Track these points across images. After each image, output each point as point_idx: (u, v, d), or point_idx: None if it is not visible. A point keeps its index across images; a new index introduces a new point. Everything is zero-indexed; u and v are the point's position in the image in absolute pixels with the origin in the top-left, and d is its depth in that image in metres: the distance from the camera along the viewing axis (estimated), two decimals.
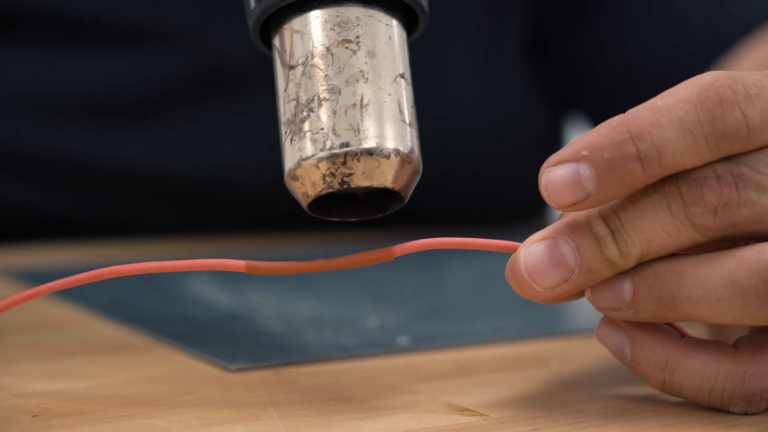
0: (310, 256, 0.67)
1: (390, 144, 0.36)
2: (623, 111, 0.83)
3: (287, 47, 0.37)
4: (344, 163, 0.36)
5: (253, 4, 0.38)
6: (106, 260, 0.65)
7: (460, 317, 0.51)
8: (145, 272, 0.37)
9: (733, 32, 0.73)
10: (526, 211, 0.81)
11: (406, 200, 0.38)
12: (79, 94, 0.71)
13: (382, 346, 0.45)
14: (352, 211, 0.38)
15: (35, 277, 0.58)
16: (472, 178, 0.78)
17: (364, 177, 0.36)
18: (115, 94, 0.72)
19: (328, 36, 0.37)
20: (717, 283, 0.34)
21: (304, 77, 0.37)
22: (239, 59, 0.72)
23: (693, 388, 0.37)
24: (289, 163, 0.37)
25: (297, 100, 0.37)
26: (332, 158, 0.36)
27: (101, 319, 0.50)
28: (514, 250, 0.37)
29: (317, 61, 0.37)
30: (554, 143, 0.84)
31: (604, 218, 0.35)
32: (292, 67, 0.37)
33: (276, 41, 0.38)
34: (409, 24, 0.39)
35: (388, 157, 0.36)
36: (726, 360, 0.36)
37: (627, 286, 0.36)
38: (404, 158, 0.36)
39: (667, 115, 0.34)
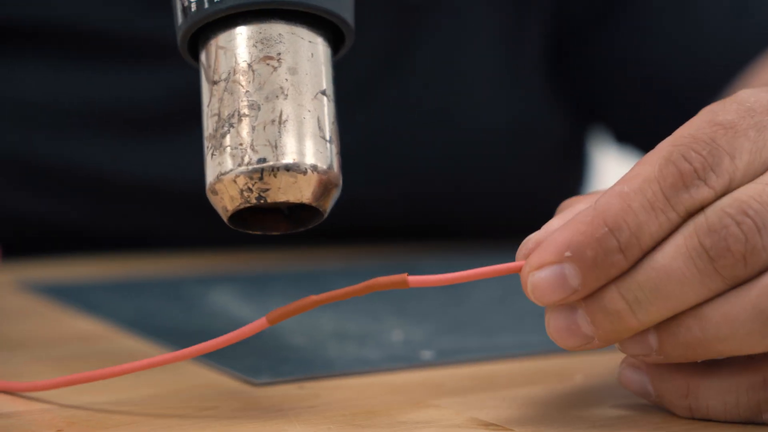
0: (332, 269, 0.67)
1: (308, 160, 0.37)
2: (645, 122, 0.83)
3: (212, 63, 0.38)
4: (261, 179, 0.37)
5: (180, 19, 0.39)
6: (126, 274, 0.65)
7: (484, 331, 0.51)
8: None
9: (756, 40, 0.73)
10: (546, 218, 0.82)
11: (325, 215, 0.38)
12: (97, 106, 0.72)
13: (405, 360, 0.45)
14: (274, 224, 0.39)
15: (55, 291, 0.58)
16: (493, 190, 0.78)
17: (281, 192, 0.37)
18: (132, 107, 0.72)
19: (250, 52, 0.38)
20: (743, 318, 0.35)
21: (226, 93, 0.38)
22: None
23: (719, 406, 0.37)
24: (209, 177, 0.38)
25: (219, 115, 0.37)
26: (250, 174, 0.37)
27: (125, 333, 0.50)
28: (520, 269, 0.37)
29: (239, 77, 0.37)
30: (576, 154, 0.83)
31: (623, 292, 0.35)
32: (215, 83, 0.38)
33: (202, 56, 0.39)
34: (336, 40, 0.40)
35: (305, 173, 0.37)
36: (743, 371, 0.37)
37: (652, 338, 0.36)
38: (322, 174, 0.37)
39: (637, 199, 0.35)
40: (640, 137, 0.79)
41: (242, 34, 0.38)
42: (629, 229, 0.35)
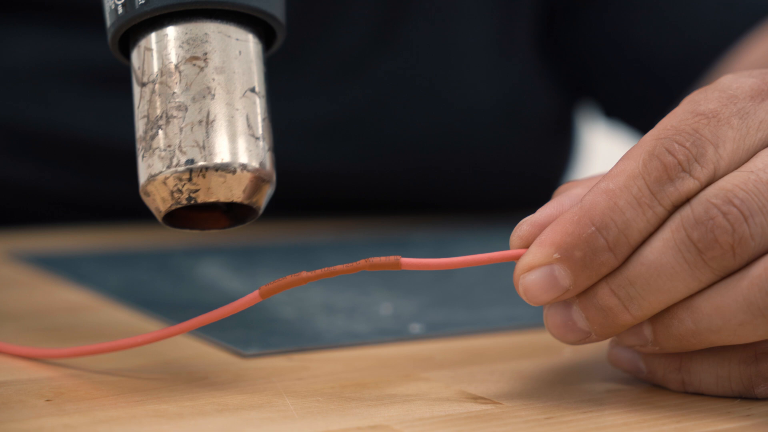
0: (322, 242, 0.67)
1: (237, 159, 0.37)
2: (634, 98, 0.83)
3: (141, 64, 0.38)
4: (190, 180, 0.37)
5: (108, 21, 0.39)
6: (115, 245, 0.65)
7: (473, 305, 0.51)
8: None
9: (743, 18, 0.73)
10: (537, 197, 0.82)
11: (260, 212, 0.38)
12: (82, 68, 0.71)
13: (394, 333, 0.45)
14: (214, 221, 0.39)
15: (44, 261, 0.58)
16: (483, 165, 0.78)
17: (211, 192, 0.37)
18: (119, 67, 0.72)
19: (176, 53, 0.38)
20: (734, 309, 0.35)
21: (154, 95, 0.38)
22: None
23: (711, 380, 0.37)
24: (141, 179, 0.38)
25: (148, 117, 0.38)
26: (179, 175, 0.37)
27: (114, 304, 0.50)
28: (516, 257, 0.37)
29: (166, 79, 0.38)
30: (566, 129, 0.83)
31: (614, 289, 0.35)
32: (144, 85, 0.38)
33: (132, 57, 0.39)
34: (268, 35, 0.40)
35: (234, 172, 0.37)
36: (735, 346, 0.37)
37: (647, 330, 0.36)
38: (252, 172, 0.37)
39: (623, 196, 0.35)
40: (629, 112, 0.79)
41: (169, 35, 0.38)
42: (617, 227, 0.35)
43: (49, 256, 0.60)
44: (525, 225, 0.37)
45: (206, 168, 0.37)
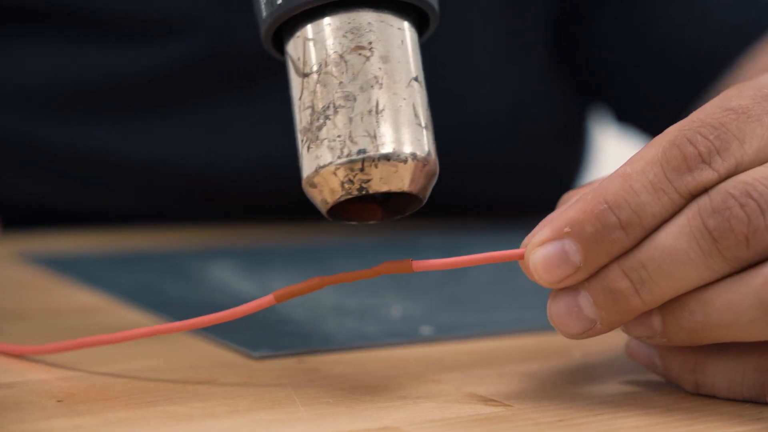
0: (330, 245, 0.67)
1: (406, 148, 0.37)
2: (645, 102, 0.83)
3: (300, 55, 0.38)
4: (362, 170, 0.36)
5: (264, 12, 0.38)
6: (124, 248, 0.65)
7: (482, 307, 0.51)
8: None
9: (756, 22, 0.73)
10: (547, 201, 0.82)
11: (424, 201, 0.38)
12: (94, 86, 0.72)
13: (404, 335, 0.45)
14: (370, 213, 0.39)
15: (55, 263, 0.58)
16: (492, 168, 0.78)
17: (382, 182, 0.37)
18: (127, 86, 0.72)
19: (341, 43, 0.37)
20: (746, 306, 0.35)
21: (318, 85, 0.37)
22: (253, 51, 0.72)
23: (724, 384, 0.37)
24: (306, 170, 0.37)
25: (312, 108, 0.37)
26: (350, 165, 0.36)
27: (125, 306, 0.50)
28: (521, 256, 0.37)
29: (331, 68, 0.37)
30: (577, 133, 0.84)
31: (627, 271, 0.35)
32: (306, 75, 0.38)
33: (289, 49, 0.38)
34: (420, 24, 0.40)
35: (405, 161, 0.36)
36: (752, 351, 0.37)
37: (656, 320, 0.36)
38: (421, 162, 0.37)
39: (639, 180, 0.35)
40: (641, 117, 0.79)
41: (330, 24, 0.37)
42: (630, 207, 0.35)
43: (61, 258, 0.60)
44: (528, 237, 0.37)
45: (378, 158, 0.36)
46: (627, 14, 0.77)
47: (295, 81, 0.38)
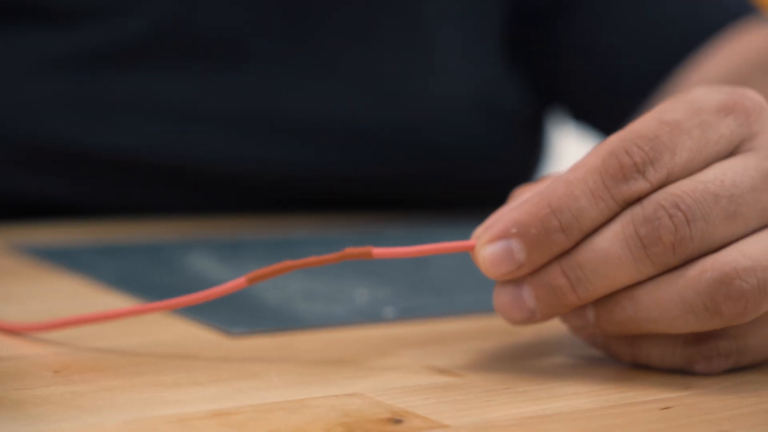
0: (303, 237, 0.70)
1: None
2: (602, 103, 0.86)
3: None
4: None
5: None
6: (108, 238, 0.69)
7: (444, 291, 0.55)
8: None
9: (707, 26, 0.77)
10: (508, 193, 0.86)
11: None
12: (68, 77, 0.74)
13: (370, 316, 0.49)
14: None
15: (44, 252, 0.62)
16: (457, 161, 0.81)
17: None
18: (98, 75, 0.75)
19: None
20: (670, 305, 0.39)
21: None
22: (213, 31, 0.75)
23: (657, 355, 0.41)
24: None
25: None
26: None
27: (110, 291, 0.53)
28: (473, 247, 0.41)
29: None
30: (537, 129, 0.86)
31: (565, 270, 0.39)
32: None
33: None
34: None
35: None
36: None
37: (590, 313, 0.41)
38: None
39: (580, 186, 0.39)
40: (596, 116, 0.82)
41: None
42: (570, 212, 0.39)
43: (49, 248, 0.63)
44: (479, 228, 0.41)
45: None
46: (582, 16, 0.80)
47: None
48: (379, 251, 0.41)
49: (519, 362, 0.43)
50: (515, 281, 0.40)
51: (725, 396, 0.39)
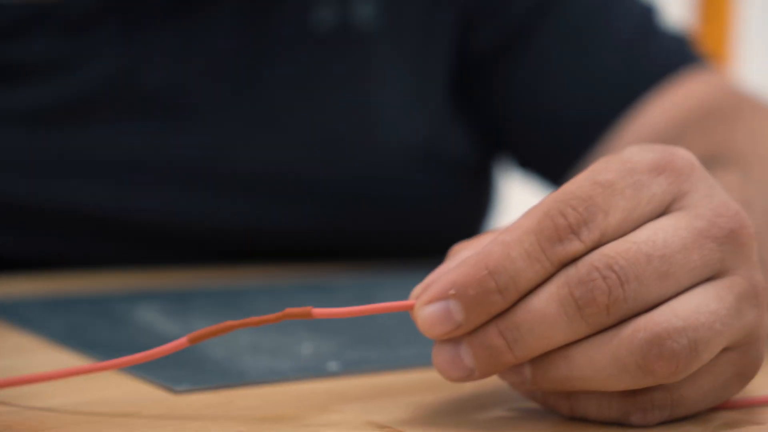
0: (251, 287, 0.71)
1: None
2: (546, 151, 0.87)
3: None
4: None
5: None
6: (53, 291, 0.69)
7: (387, 345, 0.56)
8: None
9: (649, 75, 0.78)
10: (456, 239, 0.87)
11: None
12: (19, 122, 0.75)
13: (313, 370, 0.50)
14: None
15: None
16: (402, 209, 0.82)
17: None
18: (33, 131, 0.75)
19: None
20: (603, 363, 0.40)
21: None
22: (157, 85, 0.76)
23: (594, 407, 0.42)
24: None
25: None
26: None
27: (57, 347, 0.54)
28: (412, 307, 0.41)
29: None
30: (484, 176, 0.87)
31: (501, 330, 0.40)
32: None
33: None
34: None
35: None
36: None
37: (527, 370, 0.41)
38: None
39: (516, 248, 0.40)
40: (540, 165, 0.83)
41: None
42: (507, 273, 0.40)
43: None
44: (417, 288, 0.42)
45: None
46: (526, 66, 0.80)
47: None
48: (318, 311, 0.41)
49: (459, 416, 0.43)
50: (453, 340, 0.41)
51: None
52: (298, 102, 0.78)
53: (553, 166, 0.81)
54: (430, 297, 0.40)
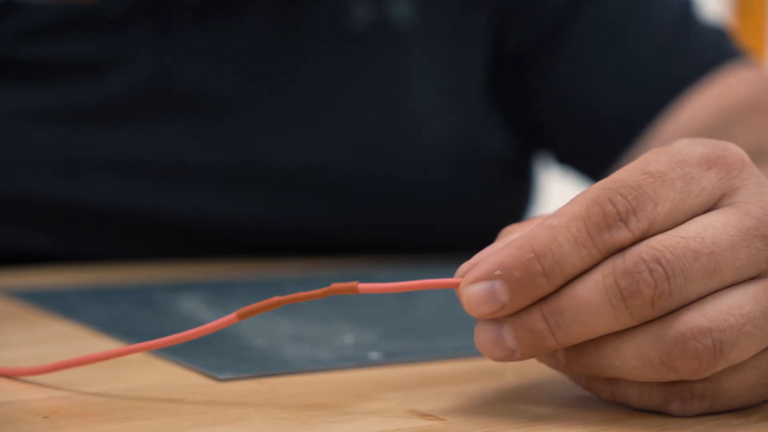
0: (292, 278, 0.71)
1: None
2: (584, 148, 0.87)
3: None
4: None
5: None
6: (97, 282, 0.69)
7: (428, 335, 0.56)
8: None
9: (688, 71, 0.78)
10: (493, 237, 0.87)
11: None
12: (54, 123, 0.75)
13: (355, 360, 0.50)
14: None
15: (34, 297, 0.62)
16: (439, 207, 0.82)
17: None
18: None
19: None
20: (629, 356, 0.40)
21: None
22: (193, 87, 0.76)
23: (635, 394, 0.42)
24: None
25: None
26: None
27: (100, 335, 0.54)
28: (457, 284, 0.41)
29: None
30: (523, 172, 0.87)
31: (545, 315, 0.40)
32: None
33: None
34: None
35: None
36: None
37: (560, 353, 0.42)
38: None
39: (563, 232, 0.40)
40: (578, 161, 0.83)
41: None
42: (553, 257, 0.40)
43: (39, 292, 0.64)
44: (464, 266, 0.42)
45: None
46: (562, 65, 0.80)
47: None
48: (364, 286, 0.42)
49: (501, 406, 0.44)
50: (497, 320, 0.41)
51: None
52: (335, 100, 0.78)
53: (592, 163, 0.81)
54: (476, 276, 0.40)
